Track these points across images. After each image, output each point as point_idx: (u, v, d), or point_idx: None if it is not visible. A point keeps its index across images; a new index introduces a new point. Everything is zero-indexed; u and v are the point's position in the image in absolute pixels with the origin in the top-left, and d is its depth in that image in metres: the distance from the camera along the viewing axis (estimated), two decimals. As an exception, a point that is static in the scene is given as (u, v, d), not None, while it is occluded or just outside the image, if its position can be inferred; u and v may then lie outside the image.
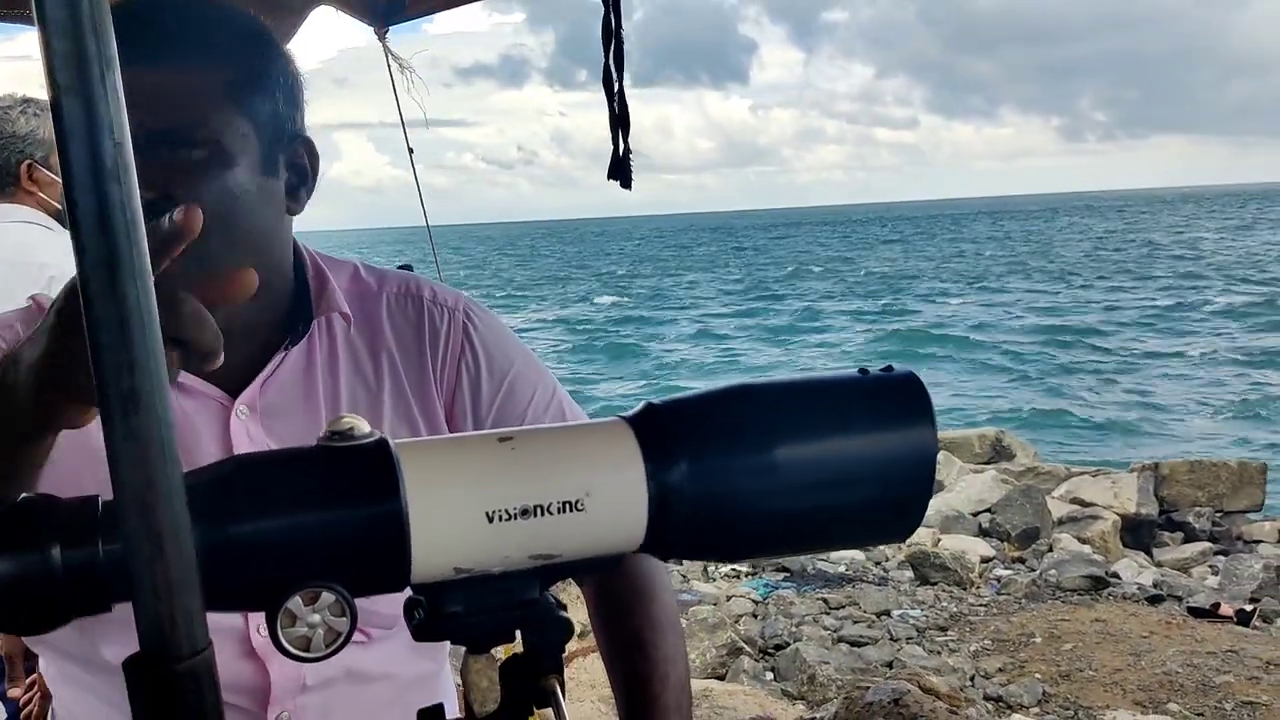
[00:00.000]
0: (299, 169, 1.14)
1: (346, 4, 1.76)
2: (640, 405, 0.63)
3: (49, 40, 0.43)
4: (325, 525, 0.53)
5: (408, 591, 0.58)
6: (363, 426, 0.56)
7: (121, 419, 0.44)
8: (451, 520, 0.55)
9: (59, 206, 2.74)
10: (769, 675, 5.20)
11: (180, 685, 0.46)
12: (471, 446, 0.60)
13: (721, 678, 5.07)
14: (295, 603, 0.52)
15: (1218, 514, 8.28)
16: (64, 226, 2.80)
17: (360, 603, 1.12)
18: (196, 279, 0.80)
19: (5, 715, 2.17)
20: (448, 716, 0.62)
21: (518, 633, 0.61)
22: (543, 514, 0.57)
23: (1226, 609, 5.91)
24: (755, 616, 6.01)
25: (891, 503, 0.63)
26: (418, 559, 0.55)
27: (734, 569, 6.82)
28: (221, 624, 1.05)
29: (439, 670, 1.26)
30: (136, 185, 0.44)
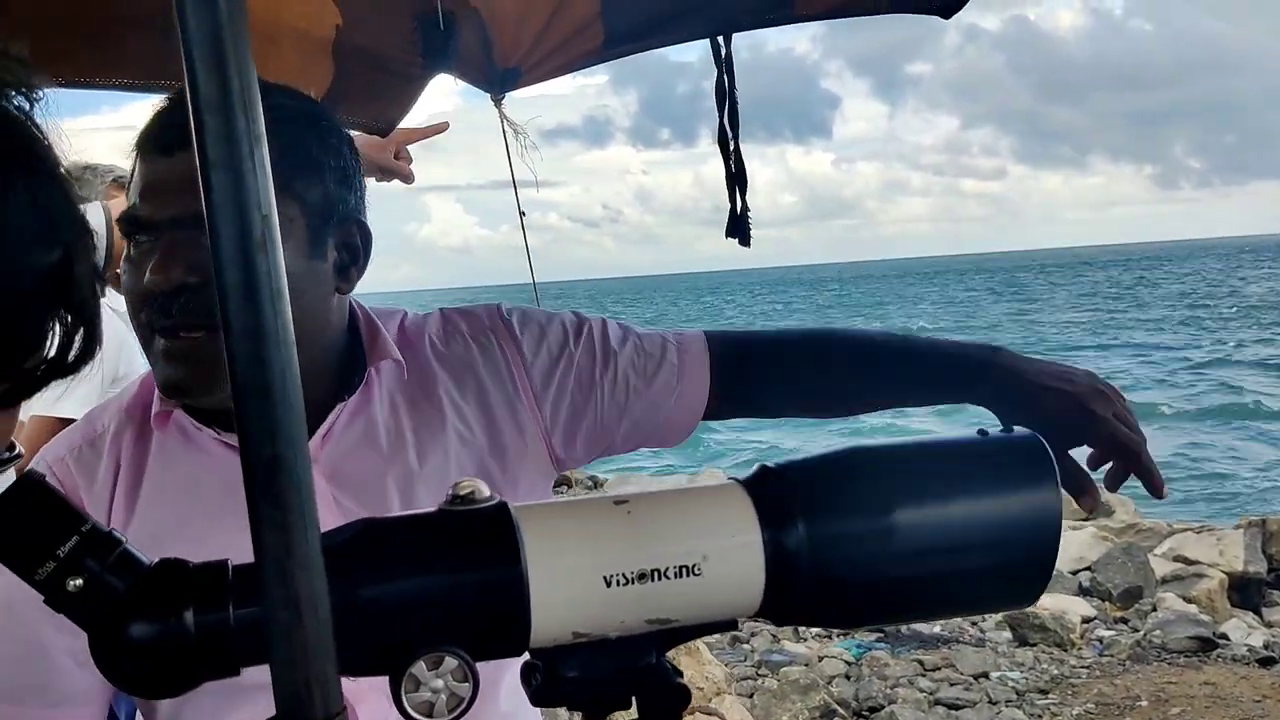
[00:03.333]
0: (351, 249, 1.16)
1: (465, 72, 1.81)
2: (755, 468, 0.63)
3: (200, 116, 0.45)
4: (448, 589, 0.54)
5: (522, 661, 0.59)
6: (483, 490, 0.57)
7: (264, 485, 0.46)
8: (570, 584, 0.56)
9: (117, 271, 2.83)
10: (863, 738, 5.08)
11: (316, 749, 0.46)
12: (588, 509, 0.60)
13: (815, 740, 4.97)
14: (419, 668, 0.52)
15: (1330, 572, 7.93)
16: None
17: None
18: None
19: None
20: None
21: (633, 699, 0.61)
22: (659, 578, 0.57)
23: (1344, 672, 5.64)
24: (848, 678, 5.88)
25: (1014, 568, 0.62)
26: (537, 623, 0.55)
27: (825, 628, 6.71)
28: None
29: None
30: (282, 258, 0.45)
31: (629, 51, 1.75)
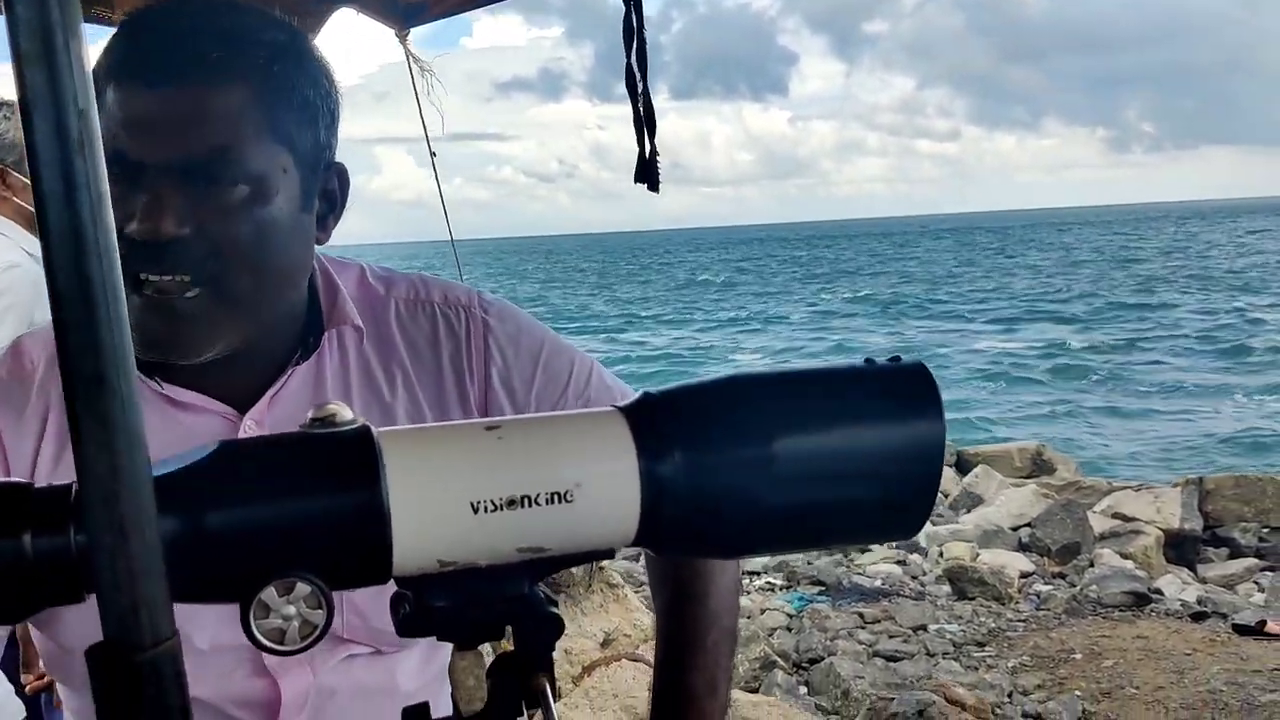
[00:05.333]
0: (330, 197, 1.10)
1: (367, 6, 1.75)
2: (637, 394, 0.61)
3: (12, 8, 0.41)
4: (303, 514, 0.52)
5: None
6: (345, 414, 0.54)
7: (85, 404, 0.43)
8: (435, 511, 0.54)
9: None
10: (802, 689, 5.14)
11: (142, 675, 0.44)
12: (457, 435, 0.58)
13: (755, 690, 5.02)
14: (269, 594, 0.50)
15: (1264, 529, 8.11)
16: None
17: (373, 621, 1.11)
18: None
19: (24, 713, 2.18)
20: (434, 716, 0.60)
21: (509, 630, 0.59)
22: (530, 505, 0.55)
23: (1273, 626, 5.77)
24: (789, 630, 5.95)
25: (895, 499, 0.61)
26: (400, 551, 0.53)
27: (769, 581, 6.77)
28: (232, 642, 1.04)
29: (444, 685, 1.24)
30: (103, 158, 0.43)
31: (537, -15, 1.70)
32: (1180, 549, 7.87)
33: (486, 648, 0.60)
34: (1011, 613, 6.27)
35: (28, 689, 2.23)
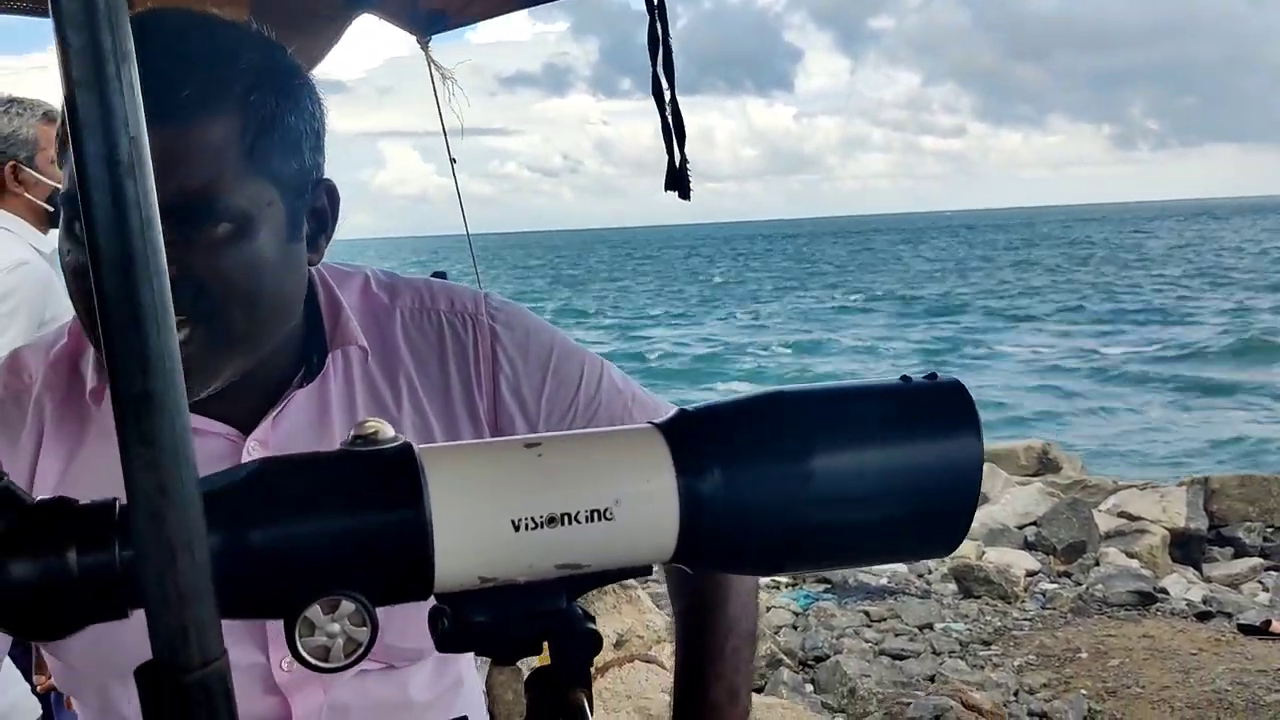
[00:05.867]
0: (320, 216, 1.07)
1: (389, 14, 1.75)
2: (673, 411, 0.61)
3: (63, 34, 0.42)
4: (346, 532, 0.52)
5: (431, 603, 0.57)
6: (387, 431, 0.55)
7: (134, 422, 0.43)
8: (476, 528, 0.54)
9: (47, 207, 2.78)
10: (809, 688, 5.15)
11: (191, 695, 0.44)
12: (497, 452, 0.58)
13: (760, 689, 5.03)
14: (314, 611, 0.50)
15: (1269, 529, 8.10)
16: (53, 226, 2.85)
17: (386, 638, 1.11)
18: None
19: (39, 711, 2.19)
20: (472, 730, 0.60)
21: (545, 645, 0.59)
22: (570, 522, 0.55)
23: (1278, 626, 5.78)
24: (795, 628, 5.95)
25: (933, 516, 0.61)
26: (441, 567, 0.53)
27: (774, 580, 6.77)
28: (243, 661, 1.03)
29: (458, 695, 1.24)
30: (152, 181, 0.43)
31: (552, -4, 1.70)
32: (1186, 548, 7.86)
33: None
34: (1017, 611, 6.27)
35: (39, 688, 2.25)
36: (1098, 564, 7.09)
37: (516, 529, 0.54)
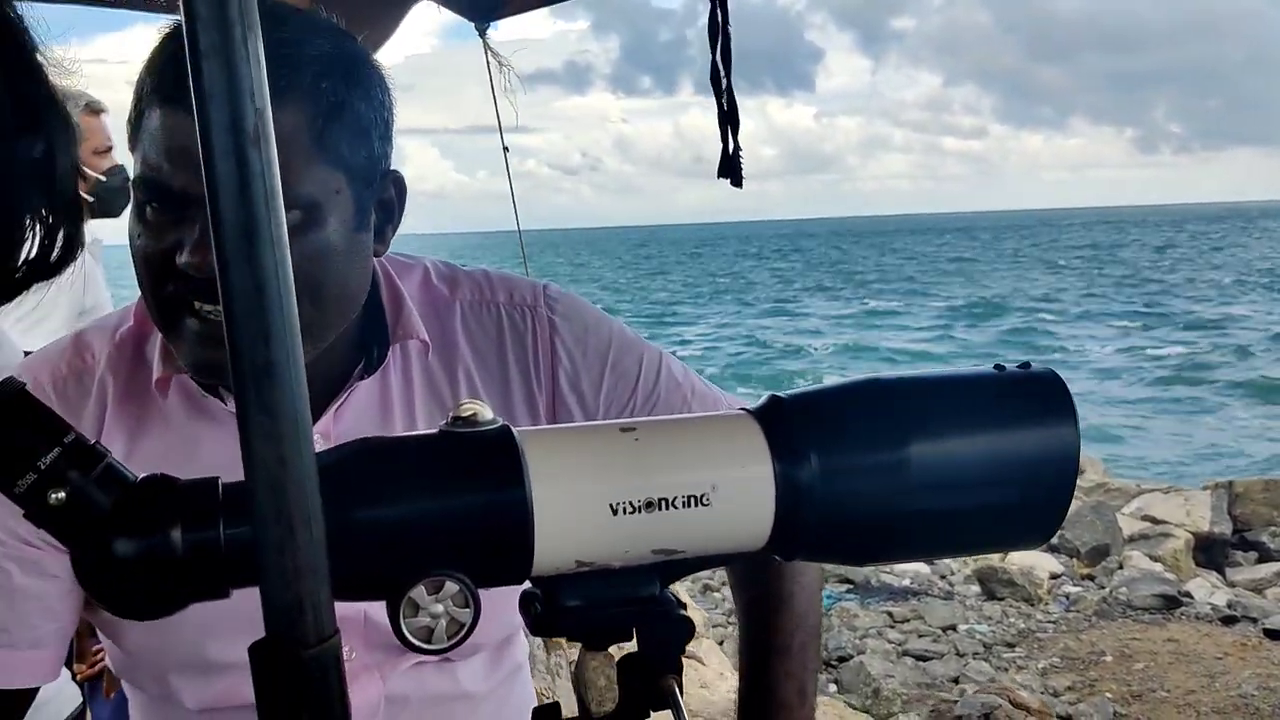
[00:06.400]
0: (387, 206, 1.06)
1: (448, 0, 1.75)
2: (765, 397, 0.61)
3: (191, 3, 0.41)
4: (448, 512, 0.52)
5: (520, 591, 0.56)
6: (485, 413, 0.54)
7: (255, 392, 0.43)
8: (575, 511, 0.53)
9: (87, 198, 2.80)
10: (832, 688, 5.13)
11: (308, 672, 0.44)
12: (595, 436, 0.58)
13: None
14: (419, 592, 0.50)
15: (1293, 534, 8.05)
16: (93, 216, 2.86)
17: None
18: None
19: (80, 699, 2.20)
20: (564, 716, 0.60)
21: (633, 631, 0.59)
22: (667, 508, 0.54)
23: (1304, 632, 5.74)
24: (818, 627, 5.94)
25: (1029, 506, 0.60)
26: (540, 550, 0.53)
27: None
28: None
29: (512, 688, 1.24)
30: (276, 152, 0.43)
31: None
32: (1209, 552, 7.81)
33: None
34: (1041, 614, 6.24)
35: (79, 677, 2.26)
36: (1121, 567, 7.05)
37: (614, 513, 0.54)
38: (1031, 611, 6.27)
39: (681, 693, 0.59)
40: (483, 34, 1.77)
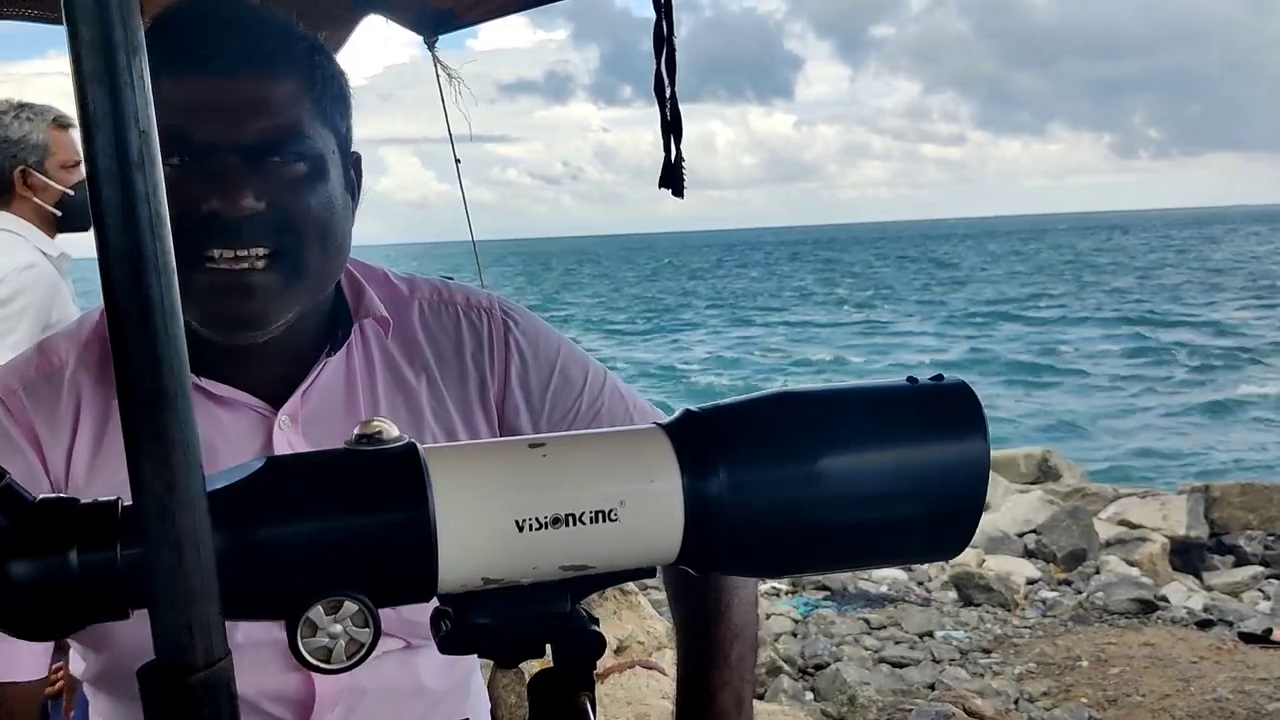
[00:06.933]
0: (351, 184, 1.14)
1: (396, 14, 1.76)
2: (679, 412, 0.61)
3: (75, 28, 0.41)
4: (350, 532, 0.51)
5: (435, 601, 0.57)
6: (391, 430, 0.54)
7: (144, 419, 0.43)
8: (480, 529, 0.53)
9: (55, 212, 2.80)
10: (809, 695, 5.14)
11: (196, 696, 0.44)
12: (502, 453, 0.58)
13: (760, 697, 5.02)
14: (316, 612, 0.50)
15: (1270, 537, 8.09)
16: (61, 230, 2.87)
17: (404, 612, 1.12)
18: None
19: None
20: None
21: (548, 647, 0.59)
22: (574, 523, 0.55)
23: (1279, 634, 5.77)
24: (795, 635, 5.95)
25: (940, 518, 0.60)
26: (445, 568, 0.53)
27: (774, 586, 6.76)
28: (267, 636, 1.04)
29: (468, 689, 1.25)
30: (162, 177, 0.43)
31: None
32: (1186, 556, 7.85)
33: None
34: (1018, 619, 6.26)
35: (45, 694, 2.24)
36: (1098, 572, 7.08)
37: (520, 529, 0.54)
38: (1008, 617, 6.29)
39: (594, 709, 0.59)
40: (431, 48, 1.78)
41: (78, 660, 1.16)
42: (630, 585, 3.85)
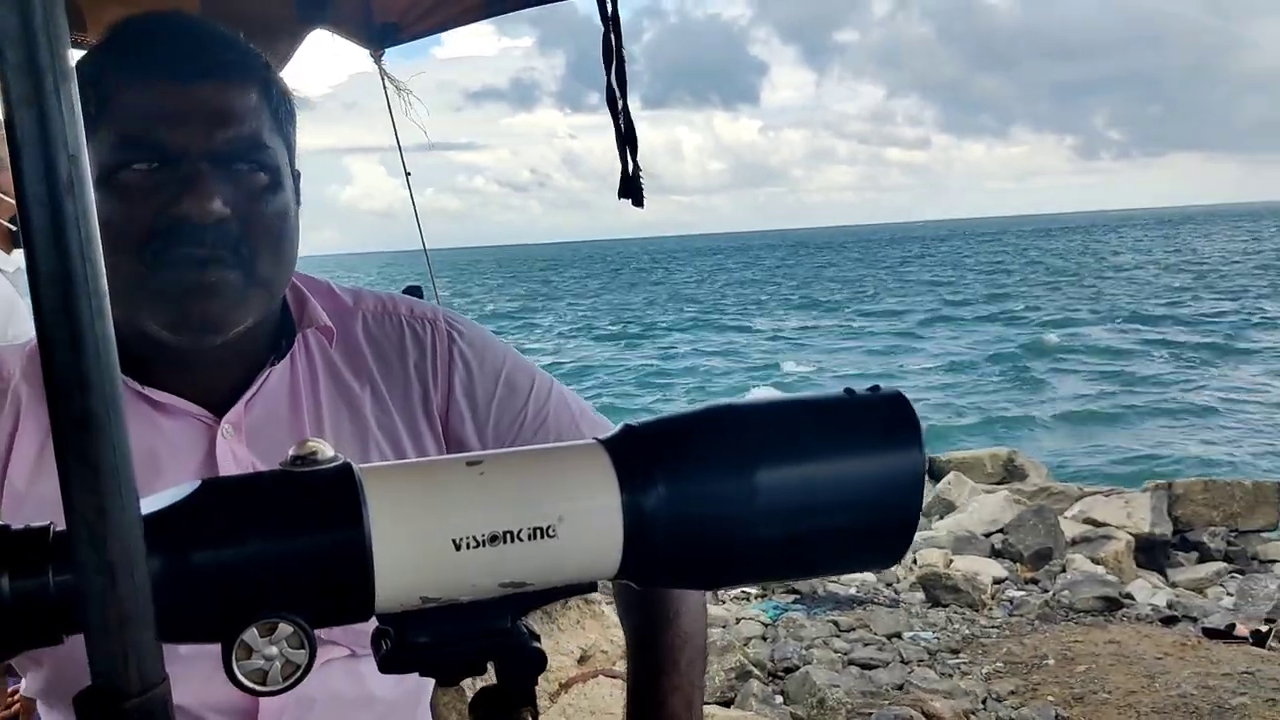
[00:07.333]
0: (299, 198, 1.15)
1: (342, 28, 1.76)
2: (618, 427, 0.62)
3: (1, 51, 0.42)
4: (285, 554, 0.52)
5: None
6: (327, 451, 0.55)
7: (75, 443, 0.43)
8: (417, 548, 0.54)
9: (11, 227, 2.77)
10: (778, 699, 5.15)
11: (132, 721, 0.44)
12: (439, 471, 0.58)
13: (730, 702, 5.03)
14: (251, 635, 0.50)
15: (1232, 534, 8.19)
16: (18, 246, 2.83)
17: None
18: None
19: None
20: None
21: (490, 665, 0.59)
22: (512, 540, 0.55)
23: (1242, 630, 5.84)
24: (765, 639, 5.96)
25: (876, 527, 0.61)
26: (382, 588, 0.53)
27: (744, 591, 6.78)
28: (211, 647, 1.03)
29: (420, 698, 1.25)
30: (93, 201, 0.43)
31: (512, 8, 1.72)
32: (1150, 553, 7.94)
33: (468, 682, 0.60)
34: (985, 619, 6.31)
35: None
36: (1064, 570, 7.14)
37: (458, 548, 0.54)
38: (976, 617, 6.34)
39: (537, 724, 0.59)
40: (378, 60, 1.78)
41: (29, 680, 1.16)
42: (594, 594, 3.85)
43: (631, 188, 1.39)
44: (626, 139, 1.34)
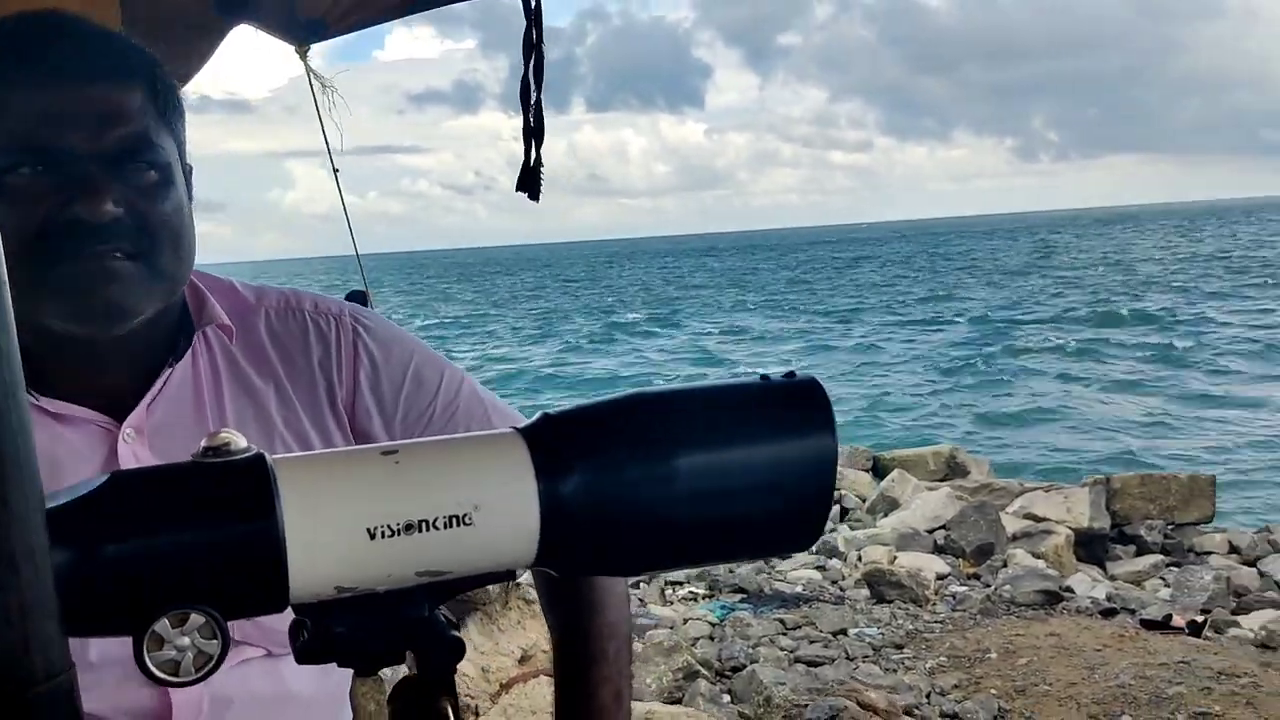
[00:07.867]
0: (190, 194, 1.15)
1: (265, 23, 1.75)
2: (536, 416, 0.62)
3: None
4: (197, 545, 0.51)
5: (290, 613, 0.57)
6: (239, 442, 0.54)
7: (-29, 434, 0.43)
8: (331, 537, 0.54)
9: None
10: (725, 698, 5.17)
11: (36, 710, 0.44)
12: (353, 461, 0.58)
13: (679, 701, 5.04)
14: (163, 625, 0.50)
15: (1169, 526, 8.35)
16: None
17: (261, 620, 1.12)
18: None
19: None
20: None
21: (409, 654, 0.60)
22: (428, 529, 0.55)
23: (1179, 620, 5.96)
24: (712, 639, 5.98)
25: (792, 512, 0.62)
26: (296, 578, 0.53)
27: (691, 591, 6.80)
28: (125, 654, 1.02)
29: (342, 691, 1.24)
30: None
31: (437, 3, 1.72)
32: (1090, 547, 8.07)
33: (387, 672, 0.60)
34: (929, 614, 6.38)
35: None
36: (1005, 565, 7.24)
37: (373, 537, 0.54)
38: (919, 612, 6.40)
39: (456, 714, 0.60)
40: (303, 57, 1.77)
41: None
42: (533, 594, 3.85)
43: (530, 181, 1.40)
44: (534, 132, 1.34)
